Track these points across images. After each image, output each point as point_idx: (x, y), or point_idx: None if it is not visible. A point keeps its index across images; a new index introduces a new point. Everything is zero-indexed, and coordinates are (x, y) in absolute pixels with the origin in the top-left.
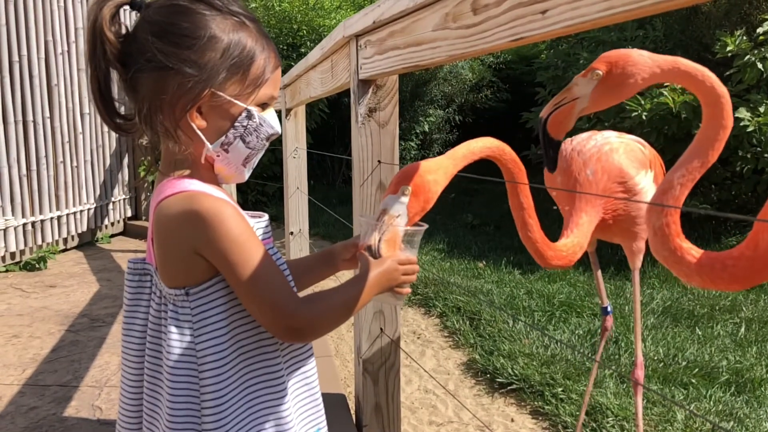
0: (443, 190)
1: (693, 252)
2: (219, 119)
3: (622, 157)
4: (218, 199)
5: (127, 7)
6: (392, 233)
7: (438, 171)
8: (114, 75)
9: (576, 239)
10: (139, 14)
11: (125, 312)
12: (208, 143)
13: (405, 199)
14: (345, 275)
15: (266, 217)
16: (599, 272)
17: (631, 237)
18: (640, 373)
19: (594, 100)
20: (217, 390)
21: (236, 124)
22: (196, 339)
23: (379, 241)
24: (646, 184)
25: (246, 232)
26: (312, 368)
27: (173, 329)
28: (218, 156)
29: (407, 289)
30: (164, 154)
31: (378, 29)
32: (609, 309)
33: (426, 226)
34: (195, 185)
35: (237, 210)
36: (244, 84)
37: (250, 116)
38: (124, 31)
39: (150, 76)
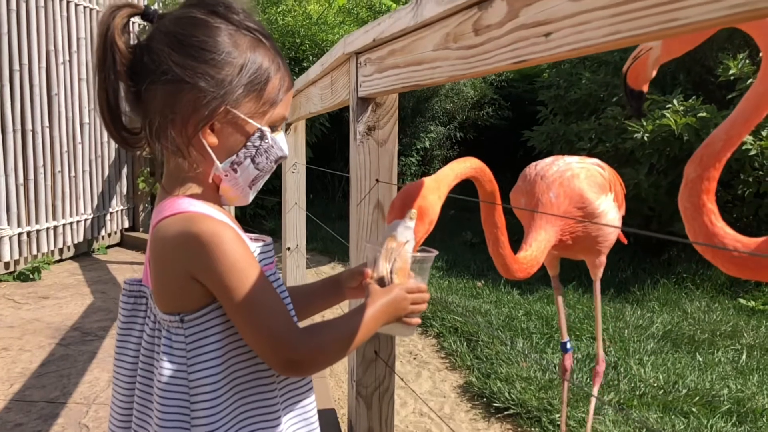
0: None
1: (713, 217)
2: (231, 138)
3: (583, 183)
4: (219, 222)
5: (137, 18)
6: (403, 261)
7: (437, 190)
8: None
9: (533, 253)
10: (151, 25)
11: (118, 334)
12: (217, 162)
13: (411, 224)
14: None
15: (269, 240)
16: (560, 298)
17: (594, 253)
18: (602, 365)
19: (665, 47)
20: (209, 423)
21: (248, 143)
22: (189, 369)
23: (391, 271)
24: (606, 206)
25: (245, 258)
26: (311, 403)
27: (166, 357)
28: (226, 176)
29: (416, 319)
30: (170, 171)
31: (378, 47)
32: (569, 346)
33: (436, 252)
34: (196, 206)
35: (237, 234)
36: (259, 103)
37: (262, 136)
38: (134, 41)
39: (164, 90)
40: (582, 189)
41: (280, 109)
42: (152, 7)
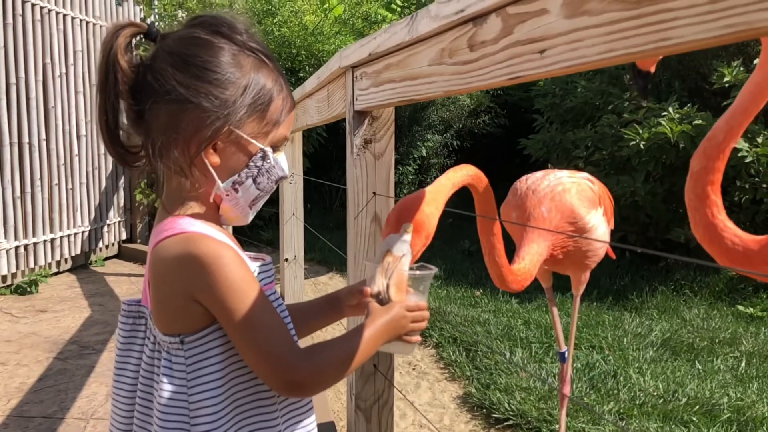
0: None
1: (715, 209)
2: (234, 158)
3: (574, 198)
4: (219, 242)
5: (140, 37)
6: (399, 277)
7: (434, 202)
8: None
9: (527, 266)
10: (153, 44)
11: (117, 355)
12: (219, 182)
13: (408, 237)
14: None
15: (269, 259)
16: (555, 309)
17: (581, 268)
18: (567, 387)
19: None
20: None
21: (250, 163)
22: (190, 390)
23: (387, 286)
24: (597, 221)
25: (246, 279)
26: (312, 423)
27: (166, 379)
28: (227, 195)
29: (416, 337)
30: (171, 191)
31: (374, 61)
32: (567, 356)
33: (435, 270)
34: (196, 226)
35: (237, 254)
36: (262, 123)
37: (264, 157)
38: (136, 61)
39: (167, 109)
40: (573, 204)
41: (283, 130)
42: (156, 27)
